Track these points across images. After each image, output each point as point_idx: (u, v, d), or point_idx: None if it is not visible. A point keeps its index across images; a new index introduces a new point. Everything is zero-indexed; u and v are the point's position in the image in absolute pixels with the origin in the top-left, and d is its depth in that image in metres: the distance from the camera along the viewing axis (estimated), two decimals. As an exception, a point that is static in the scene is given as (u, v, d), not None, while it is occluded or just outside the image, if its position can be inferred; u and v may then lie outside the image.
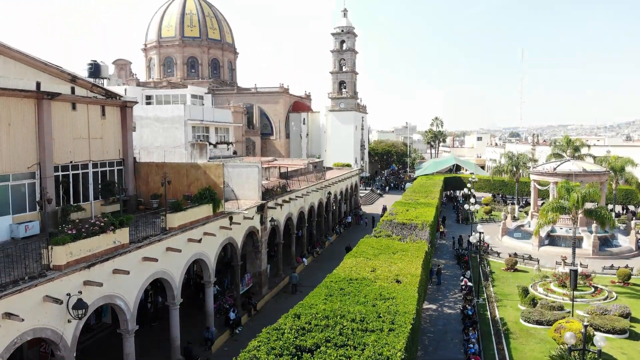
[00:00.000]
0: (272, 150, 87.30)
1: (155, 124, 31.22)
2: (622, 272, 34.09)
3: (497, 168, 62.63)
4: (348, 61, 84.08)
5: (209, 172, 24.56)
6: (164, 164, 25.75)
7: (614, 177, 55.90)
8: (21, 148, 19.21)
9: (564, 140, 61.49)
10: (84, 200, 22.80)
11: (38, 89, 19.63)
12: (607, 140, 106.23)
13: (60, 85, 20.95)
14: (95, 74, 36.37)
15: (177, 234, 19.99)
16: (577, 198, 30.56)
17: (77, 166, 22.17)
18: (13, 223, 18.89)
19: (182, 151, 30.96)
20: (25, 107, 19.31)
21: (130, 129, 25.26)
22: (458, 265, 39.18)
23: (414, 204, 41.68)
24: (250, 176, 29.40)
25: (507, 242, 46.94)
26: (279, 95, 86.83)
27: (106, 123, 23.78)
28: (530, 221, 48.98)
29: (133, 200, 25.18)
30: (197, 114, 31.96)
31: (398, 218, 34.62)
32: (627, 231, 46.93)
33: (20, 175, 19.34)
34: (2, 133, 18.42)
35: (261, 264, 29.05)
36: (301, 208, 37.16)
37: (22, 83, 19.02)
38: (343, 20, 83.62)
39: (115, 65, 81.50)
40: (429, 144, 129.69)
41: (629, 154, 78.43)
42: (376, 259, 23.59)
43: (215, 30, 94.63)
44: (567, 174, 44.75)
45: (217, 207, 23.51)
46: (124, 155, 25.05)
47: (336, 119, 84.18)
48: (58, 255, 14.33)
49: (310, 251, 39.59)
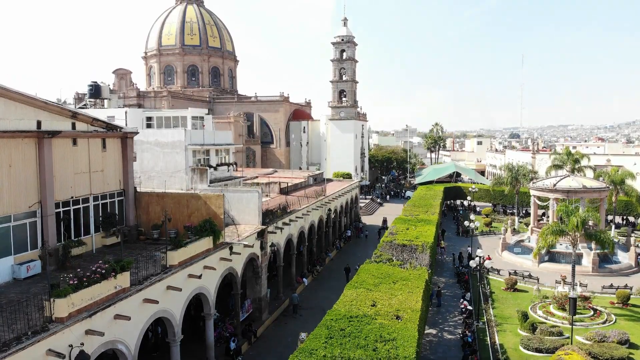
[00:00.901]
0: (272, 159, 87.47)
1: (155, 149, 31.33)
2: (621, 294, 34.15)
3: (497, 180, 62.67)
4: (348, 70, 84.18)
5: (209, 202, 24.65)
6: (165, 194, 25.85)
7: (614, 190, 56.01)
8: (22, 188, 19.30)
9: (564, 152, 61.70)
10: (85, 234, 22.88)
11: (39, 128, 19.72)
12: (607, 148, 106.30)
13: (60, 122, 21.04)
14: (95, 94, 36.48)
15: (177, 271, 20.07)
16: (577, 222, 30.64)
17: (77, 201, 22.26)
18: (15, 264, 18.97)
19: (182, 176, 31.03)
20: (26, 147, 19.41)
21: (131, 159, 25.37)
22: (458, 284, 39.27)
23: (414, 221, 41.79)
24: (251, 201, 29.52)
25: (507, 258, 47.04)
26: (279, 104, 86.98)
27: (107, 155, 23.88)
28: (530, 236, 49.07)
29: (134, 230, 25.28)
30: (197, 137, 32.04)
31: (398, 238, 34.72)
32: (626, 247, 47.00)
33: (22, 214, 19.43)
34: (4, 174, 18.51)
35: (261, 289, 29.14)
36: (301, 228, 37.25)
37: (22, 123, 19.12)
38: (343, 30, 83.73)
39: (116, 74, 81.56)
40: (429, 149, 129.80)
41: (629, 163, 78.94)
42: (376, 290, 23.68)
43: (215, 38, 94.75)
44: (567, 191, 44.90)
45: (217, 239, 23.59)
46: (125, 186, 25.14)
47: (336, 127, 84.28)
48: (60, 307, 14.42)
49: (311, 270, 39.69)
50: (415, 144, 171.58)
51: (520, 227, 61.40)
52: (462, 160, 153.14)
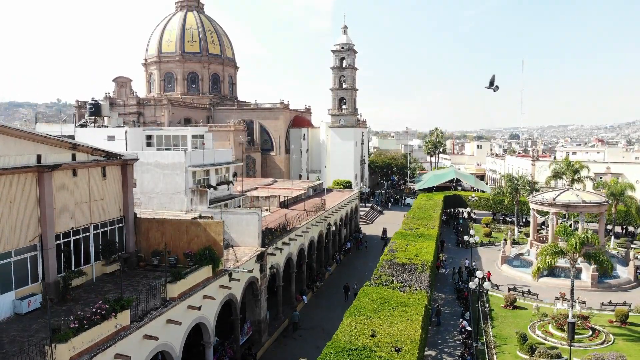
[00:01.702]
0: (272, 166, 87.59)
1: (156, 170, 31.42)
2: (619, 312, 34.27)
3: (497, 190, 62.76)
4: (348, 78, 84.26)
5: (209, 229, 24.74)
6: (164, 221, 25.93)
7: (614, 201, 56.16)
8: (23, 223, 19.40)
9: (564, 162, 61.76)
10: (85, 263, 22.98)
11: (39, 162, 19.84)
12: (606, 153, 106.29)
13: (61, 154, 21.13)
14: (96, 112, 36.58)
15: (177, 303, 20.17)
16: (576, 244, 30.74)
17: (78, 231, 22.35)
18: (16, 299, 19.08)
19: (182, 197, 31.13)
20: (27, 182, 19.51)
21: (131, 185, 25.46)
22: (458, 300, 39.36)
23: (413, 236, 41.88)
24: (251, 223, 29.63)
25: (506, 271, 47.15)
26: (280, 111, 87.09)
27: (107, 183, 23.98)
28: (529, 249, 49.16)
29: (134, 256, 25.37)
30: (197, 158, 32.13)
31: (398, 256, 34.81)
32: (625, 260, 47.09)
33: (23, 249, 19.52)
34: (4, 211, 18.60)
35: (261, 312, 29.25)
36: (301, 245, 37.33)
37: (23, 159, 19.22)
38: (343, 38, 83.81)
39: (116, 82, 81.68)
40: (429, 154, 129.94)
41: (628, 171, 78.98)
42: (376, 317, 23.78)
43: (215, 45, 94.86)
44: (567, 205, 45.00)
45: (217, 267, 23.71)
46: (125, 212, 25.24)
47: (336, 135, 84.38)
48: (61, 353, 14.52)
49: (310, 286, 39.78)
50: (415, 148, 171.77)
51: (520, 237, 61.51)
52: (462, 164, 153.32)
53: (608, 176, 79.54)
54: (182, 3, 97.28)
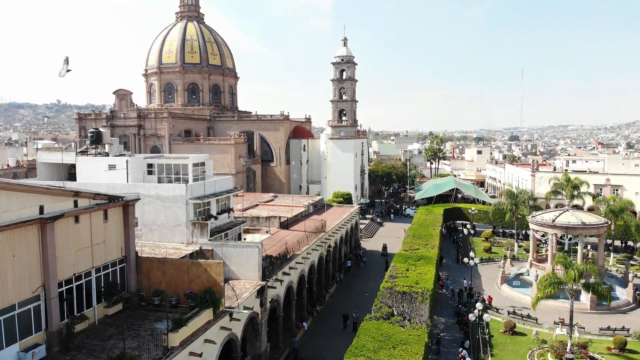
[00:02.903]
0: (272, 177, 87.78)
1: (157, 202, 31.60)
2: (618, 340, 34.48)
3: (497, 206, 62.94)
4: (348, 90, 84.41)
5: (209, 269, 24.92)
6: (165, 260, 26.12)
7: (613, 219, 56.40)
8: (26, 275, 19.58)
9: (563, 178, 61.99)
10: (87, 306, 23.16)
11: (41, 213, 20.02)
12: (606, 162, 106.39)
13: (63, 203, 21.31)
14: (97, 141, 36.76)
15: (178, 352, 20.36)
16: (575, 276, 30.94)
17: (80, 276, 22.53)
18: (20, 350, 19.26)
19: (183, 229, 31.31)
20: (29, 234, 19.68)
21: (133, 225, 25.65)
22: (457, 325, 39.52)
23: (413, 258, 42.05)
24: (251, 257, 29.85)
25: (506, 292, 47.32)
26: (280, 122, 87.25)
27: (108, 226, 24.16)
28: (529, 269, 49.36)
29: (135, 296, 25.55)
30: (198, 190, 32.30)
31: (398, 283, 35.00)
32: (624, 280, 47.24)
33: (26, 300, 19.69)
34: (7, 265, 18.78)
35: (261, 345, 29.43)
36: (301, 272, 37.51)
37: (25, 212, 19.39)
38: (343, 50, 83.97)
39: (116, 95, 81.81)
40: (429, 161, 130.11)
41: (628, 182, 79.05)
42: (376, 358, 23.96)
43: (216, 56, 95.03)
44: (566, 227, 45.17)
45: (217, 309, 23.90)
46: (126, 252, 25.42)
47: (336, 146, 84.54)
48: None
49: (310, 311, 39.94)
50: (415, 153, 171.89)
51: (520, 252, 61.71)
52: (462, 169, 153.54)
53: (608, 188, 79.84)
54: (182, 13, 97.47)
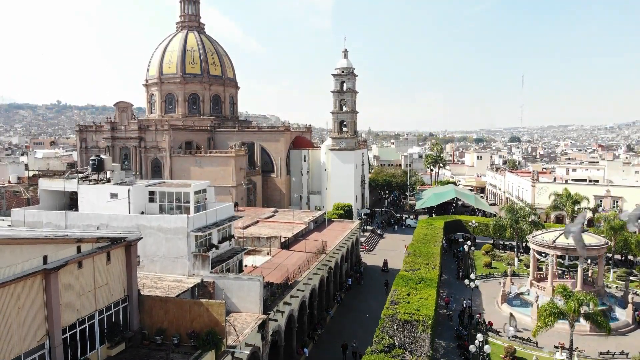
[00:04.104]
0: (272, 188, 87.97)
1: (158, 234, 31.76)
2: (618, 367, 34.70)
3: (497, 221, 63.13)
4: (348, 101, 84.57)
5: (211, 309, 25.09)
6: (168, 299, 26.31)
7: (613, 235, 56.62)
8: (31, 325, 19.73)
9: (563, 194, 62.21)
10: (91, 349, 23.31)
11: (45, 262, 20.17)
12: (606, 170, 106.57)
13: (66, 250, 21.46)
14: (98, 169, 36.92)
15: (182, 400, 20.54)
16: (574, 307, 31.12)
17: (83, 320, 22.70)
18: (25, 400, 19.43)
19: (184, 261, 31.48)
20: (34, 285, 19.83)
21: (135, 265, 25.82)
22: (458, 349, 39.70)
23: (414, 280, 42.19)
24: (252, 290, 30.07)
25: (506, 312, 47.45)
26: (280, 133, 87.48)
27: (111, 267, 24.32)
28: (529, 289, 49.52)
29: (138, 334, 25.72)
30: (199, 221, 32.47)
31: (400, 311, 35.17)
32: (624, 300, 47.39)
33: (31, 350, 19.83)
34: (12, 318, 18.93)
35: (263, 378, 29.62)
36: (303, 298, 37.68)
37: (29, 264, 19.54)
38: (343, 62, 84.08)
39: (117, 107, 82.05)
40: (430, 168, 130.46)
41: (627, 194, 79.22)
42: (376, 397, 24.23)
43: (216, 66, 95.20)
44: (566, 249, 45.36)
45: (219, 350, 24.10)
46: (129, 291, 25.58)
47: (337, 158, 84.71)
48: None
49: (311, 336, 40.10)
50: (415, 158, 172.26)
51: (520, 266, 61.93)
52: (462, 174, 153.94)
53: (608, 199, 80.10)
54: (182, 23, 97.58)
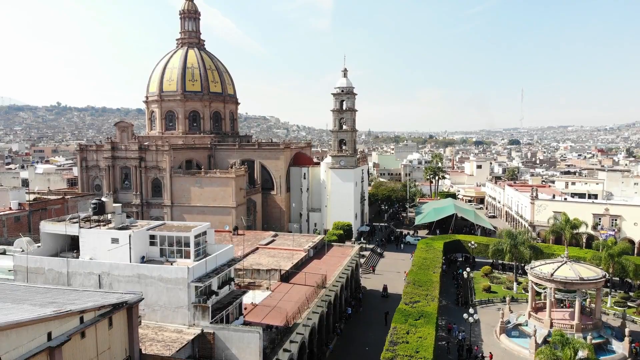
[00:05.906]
0: (272, 206, 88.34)
1: (159, 284, 32.13)
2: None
3: (496, 246, 63.48)
4: (348, 120, 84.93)
5: (212, 370, 25.48)
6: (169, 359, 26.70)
7: (611, 262, 57.00)
8: (35, 403, 20.10)
9: (562, 220, 62.57)
10: (94, 415, 23.69)
11: (49, 339, 20.54)
12: (606, 182, 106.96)
13: (70, 323, 21.83)
14: (99, 212, 37.30)
15: None
16: (571, 356, 31.54)
17: (87, 389, 23.08)
18: None
19: (185, 311, 31.86)
20: (38, 363, 20.21)
21: (137, 325, 26.20)
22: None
23: (414, 316, 42.50)
24: (252, 342, 30.54)
25: (504, 343, 47.90)
26: (280, 151, 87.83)
27: (113, 331, 24.69)
28: (527, 320, 49.88)
29: (140, 395, 26.12)
30: (200, 270, 32.83)
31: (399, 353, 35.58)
32: (621, 331, 47.74)
33: None
34: (17, 399, 19.30)
35: None
36: (302, 340, 38.00)
37: (34, 343, 19.91)
38: (343, 81, 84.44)
39: (117, 127, 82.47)
40: (429, 180, 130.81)
41: (626, 213, 79.50)
42: None
43: (217, 83, 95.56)
44: (564, 282, 45.76)
45: (221, 413, 24.45)
46: (131, 352, 25.96)
47: (336, 176, 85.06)
48: None
49: (312, 375, 40.46)
50: (415, 165, 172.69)
51: (519, 290, 62.29)
52: (462, 184, 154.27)
53: (607, 218, 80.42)
54: (183, 40, 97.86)
